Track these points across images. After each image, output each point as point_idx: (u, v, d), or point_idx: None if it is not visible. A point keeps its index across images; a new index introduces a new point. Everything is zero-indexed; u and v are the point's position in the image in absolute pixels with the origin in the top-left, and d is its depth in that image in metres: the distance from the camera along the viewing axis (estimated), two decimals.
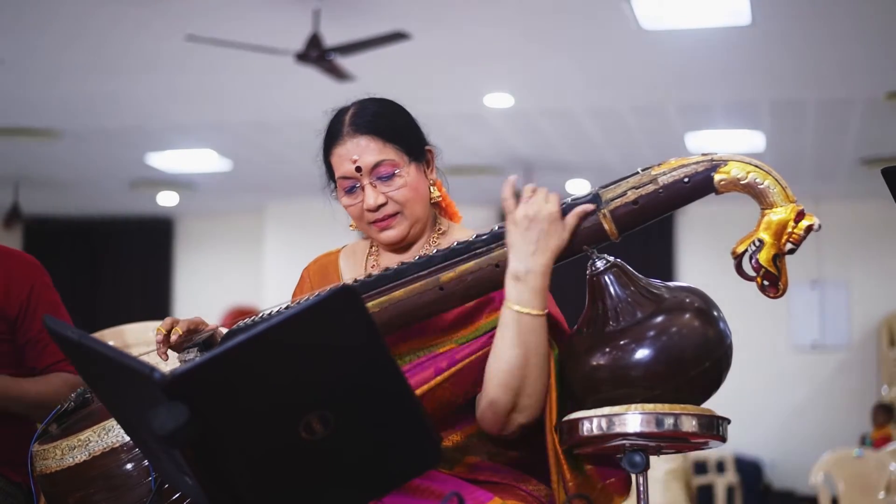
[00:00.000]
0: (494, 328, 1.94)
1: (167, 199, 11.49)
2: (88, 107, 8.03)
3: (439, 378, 1.90)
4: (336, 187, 2.06)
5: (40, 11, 6.10)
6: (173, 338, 2.00)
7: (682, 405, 1.77)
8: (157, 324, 2.05)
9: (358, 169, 1.99)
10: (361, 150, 1.99)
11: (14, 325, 2.53)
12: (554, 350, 1.97)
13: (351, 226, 2.12)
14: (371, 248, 2.17)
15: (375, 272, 1.95)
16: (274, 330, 1.23)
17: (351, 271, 2.14)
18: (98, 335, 2.82)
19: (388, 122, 2.02)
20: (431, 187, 2.08)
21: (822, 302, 10.77)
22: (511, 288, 1.84)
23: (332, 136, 2.04)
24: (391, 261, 2.05)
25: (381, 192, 2.00)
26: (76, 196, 11.35)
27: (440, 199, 2.11)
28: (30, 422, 2.53)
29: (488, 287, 1.90)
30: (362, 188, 2.00)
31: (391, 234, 2.03)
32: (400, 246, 2.07)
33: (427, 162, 2.08)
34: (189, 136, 9.02)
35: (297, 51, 6.07)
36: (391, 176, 2.00)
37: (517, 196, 1.87)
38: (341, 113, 2.05)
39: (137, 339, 2.74)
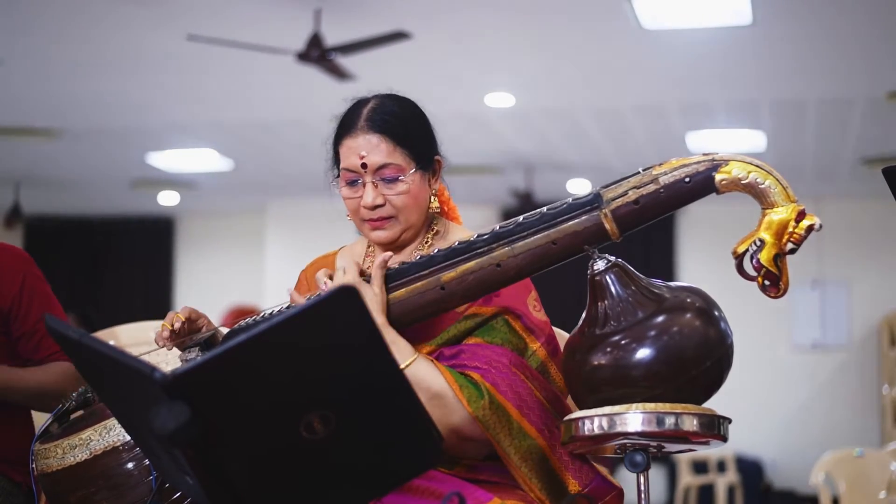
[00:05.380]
0: (474, 328, 1.95)
1: (168, 199, 11.49)
2: (89, 106, 8.03)
3: None
4: (339, 175, 2.07)
5: (41, 11, 6.09)
6: (176, 325, 1.99)
7: (684, 405, 1.77)
8: (151, 324, 2.05)
9: (363, 165, 1.99)
10: (371, 148, 1.99)
11: (7, 319, 2.52)
12: (529, 350, 1.97)
13: (348, 216, 2.13)
14: (368, 248, 2.17)
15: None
16: (275, 330, 1.23)
17: None
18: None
19: (403, 126, 2.02)
20: (432, 196, 2.08)
21: (822, 302, 10.76)
22: None
23: (346, 127, 2.04)
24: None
25: (380, 193, 2.00)
26: (77, 195, 11.35)
27: (439, 211, 2.12)
28: (31, 421, 2.53)
29: (490, 287, 1.90)
30: (363, 185, 2.01)
31: (381, 235, 2.04)
32: (392, 247, 2.08)
33: (433, 171, 2.08)
34: (190, 136, 9.03)
35: (297, 50, 6.07)
36: (394, 180, 2.00)
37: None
38: (360, 105, 2.05)
39: (131, 341, 2.74)
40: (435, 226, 2.12)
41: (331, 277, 1.95)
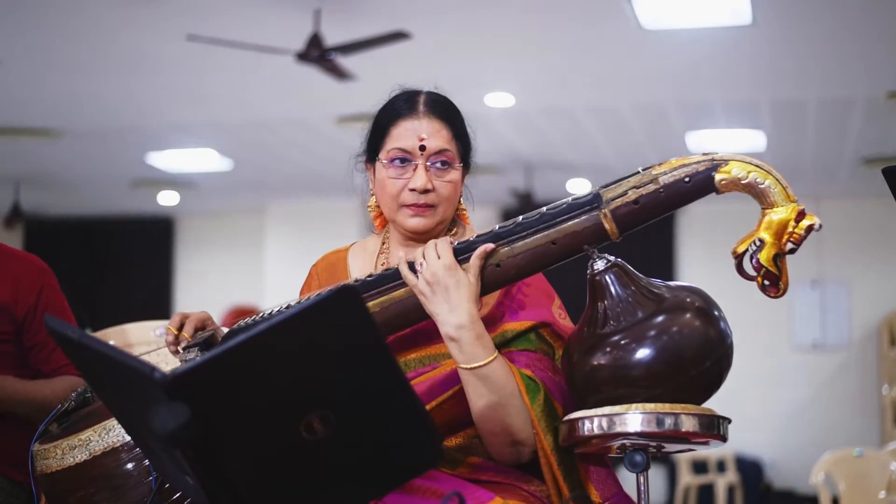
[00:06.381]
0: (505, 343, 1.95)
1: (168, 199, 11.49)
2: (89, 106, 8.03)
3: (447, 394, 1.91)
4: (370, 158, 2.07)
5: (41, 11, 6.09)
6: (184, 333, 2.00)
7: (683, 405, 1.77)
8: (159, 323, 2.05)
9: (422, 147, 2.01)
10: (433, 132, 2.02)
11: (21, 328, 2.53)
12: (556, 355, 1.97)
13: (369, 206, 2.12)
14: (382, 245, 2.16)
15: (378, 271, 1.95)
16: (274, 330, 1.23)
17: (360, 269, 2.14)
18: (101, 334, 2.83)
19: (460, 121, 2.08)
20: (461, 198, 2.11)
21: (822, 301, 10.77)
22: (453, 350, 1.85)
23: (403, 110, 2.04)
24: None
25: (430, 179, 2.01)
26: (77, 196, 11.35)
27: (464, 212, 2.15)
28: (31, 422, 2.53)
29: (490, 287, 1.90)
30: (415, 167, 2.01)
31: (420, 222, 2.03)
32: (421, 238, 2.06)
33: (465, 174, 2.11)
34: (190, 136, 9.02)
35: (297, 50, 6.07)
36: (447, 167, 2.02)
37: (412, 269, 1.88)
38: (414, 93, 2.08)
39: (140, 339, 2.75)
40: (455, 228, 2.13)
41: (411, 263, 1.89)
